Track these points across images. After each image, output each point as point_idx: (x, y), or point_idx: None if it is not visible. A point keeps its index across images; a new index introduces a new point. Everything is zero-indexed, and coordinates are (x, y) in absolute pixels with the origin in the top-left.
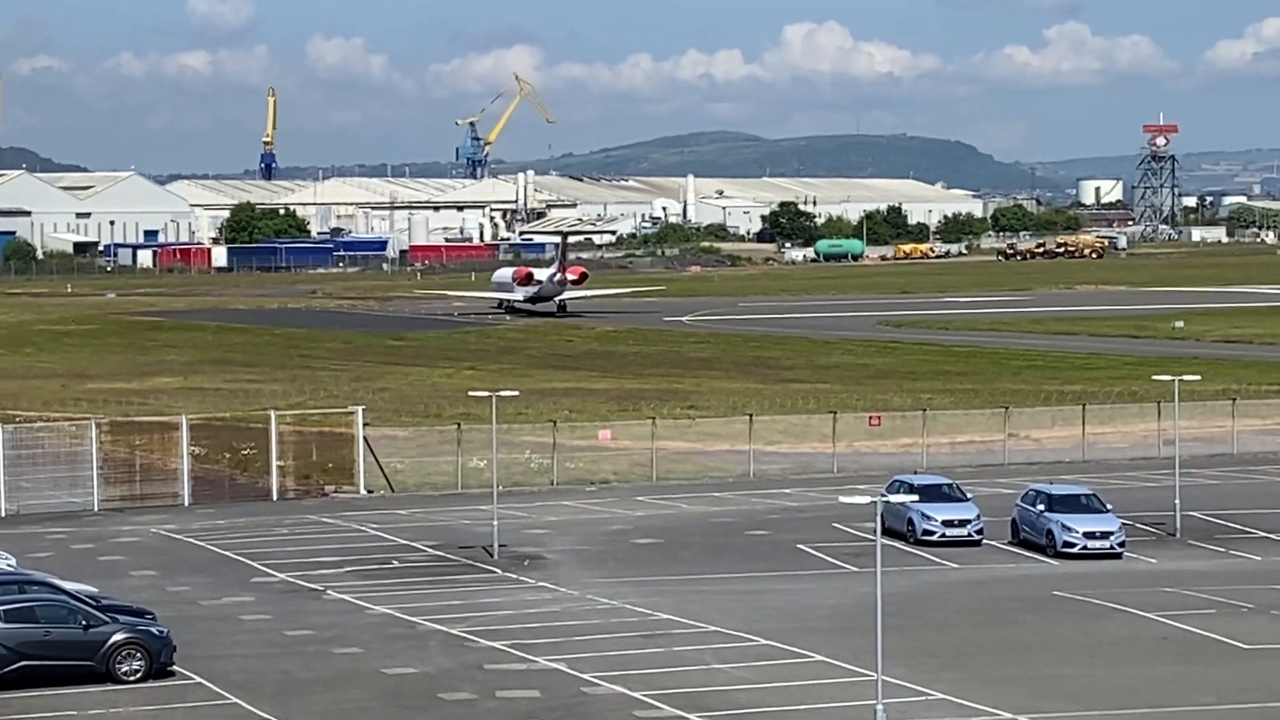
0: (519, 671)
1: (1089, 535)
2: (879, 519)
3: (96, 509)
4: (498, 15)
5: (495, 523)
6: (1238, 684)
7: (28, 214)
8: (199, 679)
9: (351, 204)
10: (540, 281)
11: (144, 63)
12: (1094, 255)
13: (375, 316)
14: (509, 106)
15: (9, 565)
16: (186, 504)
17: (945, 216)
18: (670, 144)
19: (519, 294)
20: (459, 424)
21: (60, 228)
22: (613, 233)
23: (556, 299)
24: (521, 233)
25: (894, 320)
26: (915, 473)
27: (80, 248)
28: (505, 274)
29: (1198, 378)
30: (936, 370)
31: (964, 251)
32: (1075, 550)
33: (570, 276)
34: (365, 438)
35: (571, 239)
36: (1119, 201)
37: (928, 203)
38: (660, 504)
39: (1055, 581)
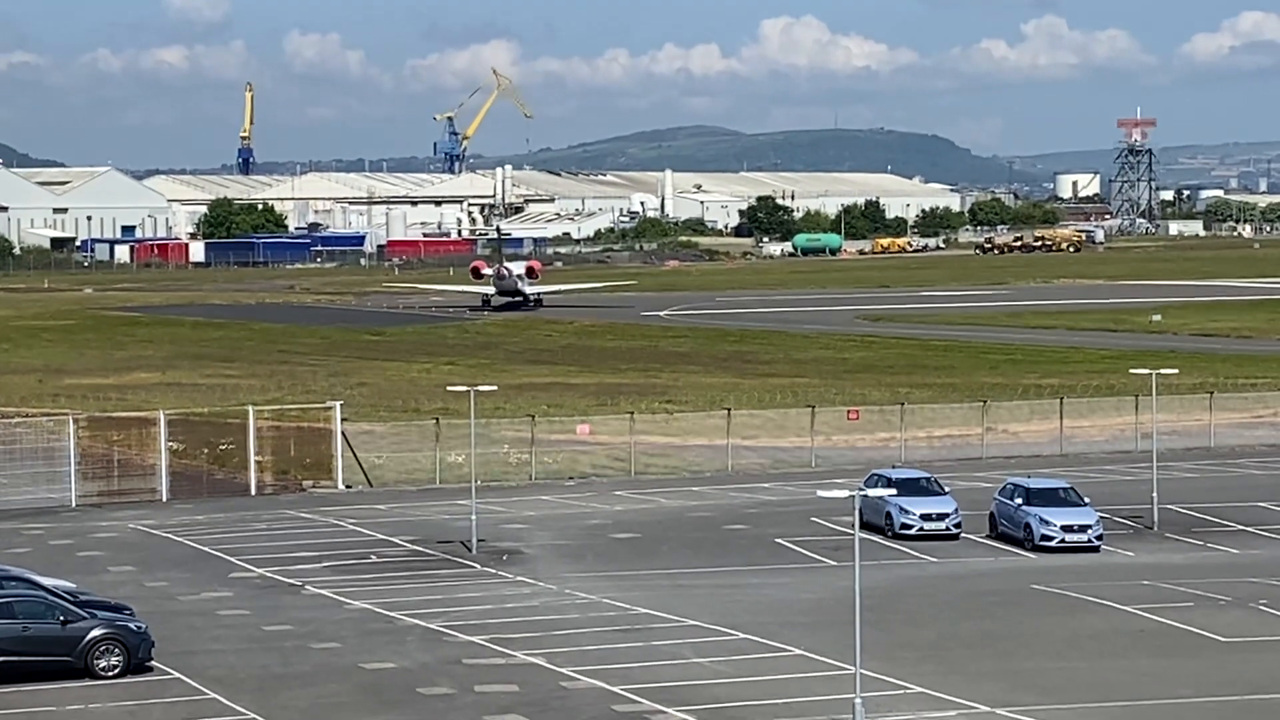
0: (497, 666)
1: (1067, 529)
2: (857, 513)
3: (74, 505)
4: (474, 10)
5: (474, 517)
6: (1216, 677)
7: (4, 209)
8: (177, 674)
9: (329, 199)
10: (486, 276)
11: (121, 58)
12: (1071, 249)
13: (353, 311)
14: (486, 101)
15: None
16: (164, 499)
17: (923, 210)
18: (648, 138)
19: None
20: (437, 419)
21: (37, 223)
22: (536, 235)
23: (531, 294)
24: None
25: (872, 314)
26: (893, 467)
27: (57, 243)
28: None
29: (1175, 371)
30: (914, 364)
31: (942, 246)
32: (1053, 544)
33: (517, 270)
34: (343, 433)
35: (551, 234)
36: (1096, 195)
37: (905, 197)
38: (639, 498)
39: (1033, 575)
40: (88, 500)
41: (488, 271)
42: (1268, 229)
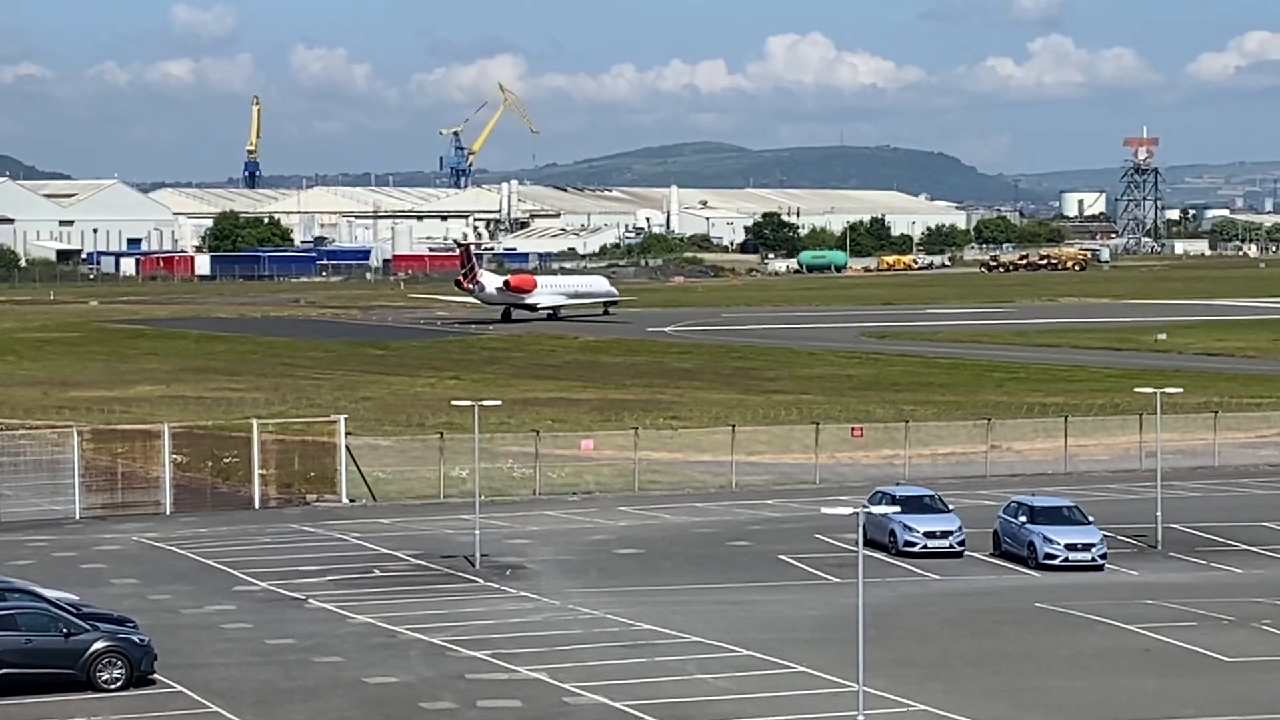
0: (500, 681)
1: (1070, 547)
2: (861, 530)
3: (78, 517)
4: (480, 25)
5: (477, 532)
6: (1219, 696)
7: (11, 221)
8: (180, 687)
9: (335, 213)
10: (468, 289)
11: (127, 71)
12: (1077, 268)
13: (358, 325)
14: (493, 116)
15: None
16: (168, 512)
17: (928, 228)
18: (654, 154)
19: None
20: (441, 433)
21: (43, 235)
22: (479, 242)
23: (545, 306)
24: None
25: (877, 332)
26: (897, 484)
27: (63, 255)
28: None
29: (1180, 390)
30: (919, 382)
31: (947, 263)
32: (1057, 562)
33: (495, 282)
34: (347, 447)
35: (556, 250)
36: (1102, 214)
37: (911, 214)
38: (642, 514)
39: (1037, 593)
40: (91, 513)
41: (469, 286)
42: (1273, 248)
